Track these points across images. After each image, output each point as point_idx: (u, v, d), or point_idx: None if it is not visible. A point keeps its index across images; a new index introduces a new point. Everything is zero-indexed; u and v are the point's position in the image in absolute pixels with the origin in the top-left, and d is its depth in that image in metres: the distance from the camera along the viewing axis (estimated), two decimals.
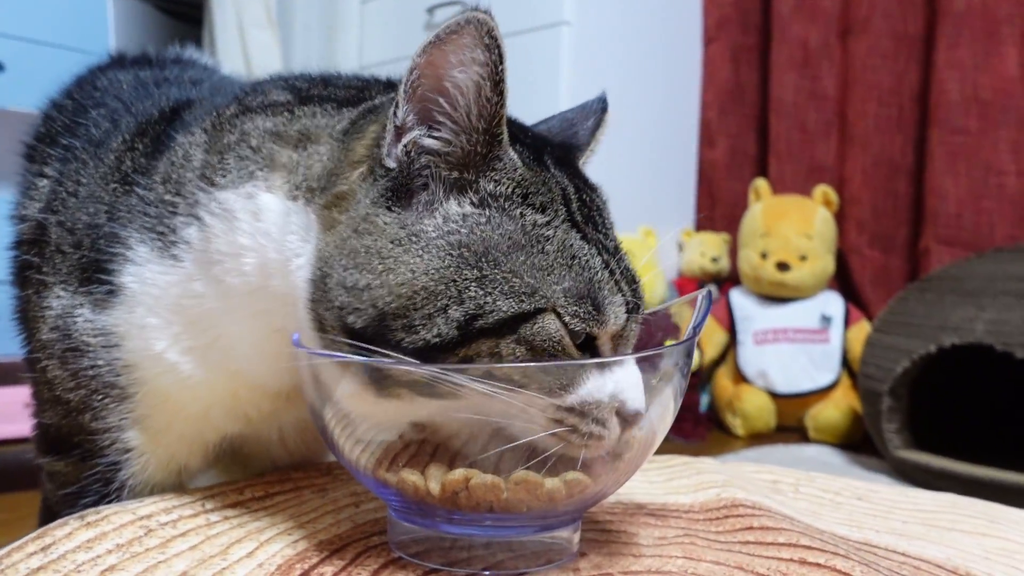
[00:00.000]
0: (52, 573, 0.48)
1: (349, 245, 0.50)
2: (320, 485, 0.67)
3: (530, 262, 0.49)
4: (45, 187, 0.68)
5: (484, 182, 0.50)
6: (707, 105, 2.64)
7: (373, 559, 0.53)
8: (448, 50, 0.48)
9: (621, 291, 0.52)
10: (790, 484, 0.75)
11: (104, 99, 0.72)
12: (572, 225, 0.51)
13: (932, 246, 2.19)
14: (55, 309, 0.62)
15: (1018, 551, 0.59)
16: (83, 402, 0.62)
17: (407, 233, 0.50)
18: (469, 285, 0.48)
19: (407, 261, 0.49)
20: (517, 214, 0.50)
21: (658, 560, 0.55)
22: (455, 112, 0.49)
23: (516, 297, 0.48)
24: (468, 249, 0.49)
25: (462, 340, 0.48)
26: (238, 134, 0.58)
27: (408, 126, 0.50)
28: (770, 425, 2.21)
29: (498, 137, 0.50)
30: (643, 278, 2.08)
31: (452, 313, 0.48)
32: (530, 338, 0.48)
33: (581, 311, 0.49)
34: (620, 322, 0.51)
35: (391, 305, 0.48)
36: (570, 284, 0.49)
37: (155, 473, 0.64)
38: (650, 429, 0.54)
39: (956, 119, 2.16)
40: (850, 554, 0.55)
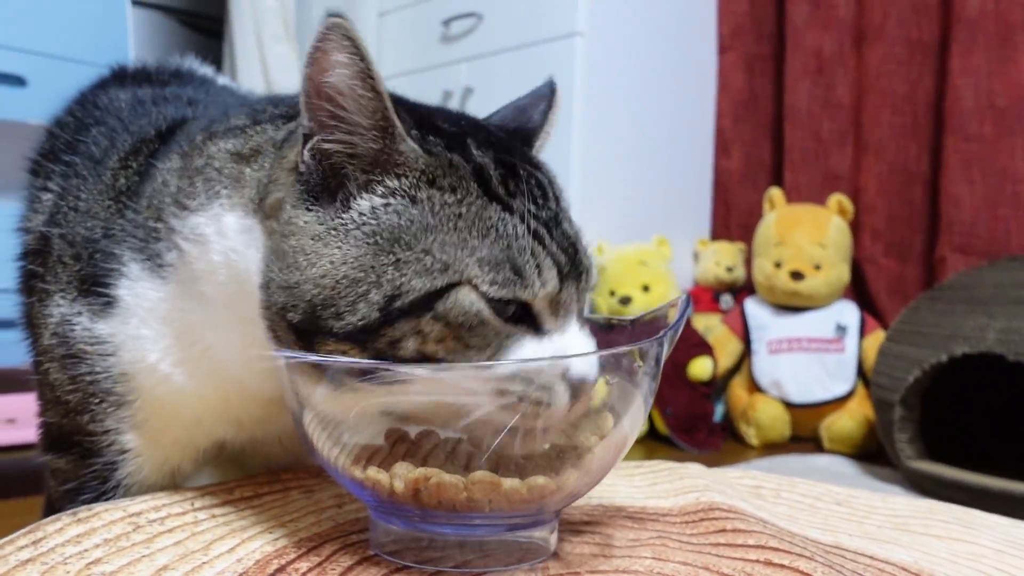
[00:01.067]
0: (40, 564, 0.51)
1: (280, 248, 0.54)
2: (308, 486, 0.69)
3: (441, 240, 0.51)
4: (49, 201, 0.72)
5: (388, 178, 0.53)
6: (722, 114, 2.64)
7: (348, 556, 0.55)
8: (319, 57, 0.50)
9: (551, 255, 0.53)
10: (772, 489, 0.76)
11: (104, 118, 0.76)
12: (491, 199, 0.53)
13: (948, 254, 2.18)
14: (55, 316, 0.66)
15: (986, 555, 0.60)
16: (81, 405, 0.65)
17: (325, 229, 0.53)
18: (386, 269, 0.51)
19: (327, 254, 0.52)
20: (424, 198, 0.52)
21: (627, 560, 0.56)
22: (341, 113, 0.52)
23: (428, 275, 0.50)
24: (381, 237, 0.52)
25: (385, 321, 0.50)
26: (205, 158, 0.62)
27: (312, 131, 0.53)
28: (784, 435, 2.20)
29: (388, 131, 0.52)
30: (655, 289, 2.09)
31: (372, 297, 0.50)
32: (445, 313, 0.50)
33: (500, 277, 0.50)
34: (550, 287, 0.52)
35: (318, 297, 0.52)
36: (486, 253, 0.51)
37: (150, 474, 0.68)
38: (621, 431, 0.55)
39: (971, 126, 2.15)
40: (815, 556, 0.56)
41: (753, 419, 2.19)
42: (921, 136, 2.29)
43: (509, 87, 2.61)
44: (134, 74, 0.87)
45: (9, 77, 1.83)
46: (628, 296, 2.20)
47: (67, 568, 0.50)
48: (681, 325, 0.57)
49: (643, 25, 2.39)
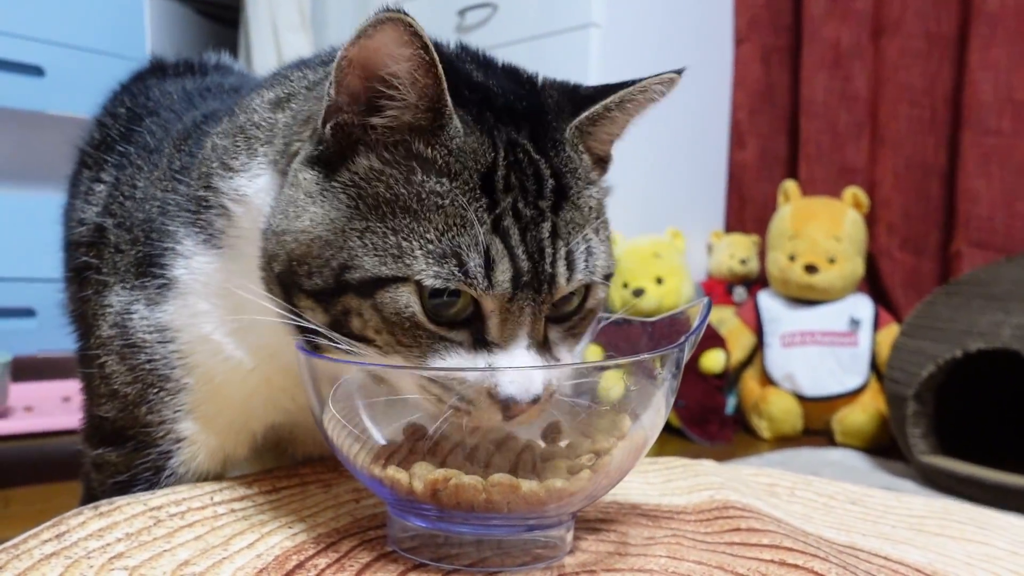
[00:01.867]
0: (64, 559, 0.51)
1: (282, 196, 0.56)
2: (325, 481, 0.70)
3: (411, 226, 0.51)
4: (102, 192, 0.72)
5: (416, 145, 0.52)
6: (738, 106, 2.63)
7: (367, 552, 0.56)
8: (375, 46, 0.50)
9: (512, 256, 0.51)
10: (786, 488, 0.76)
11: (157, 109, 0.77)
12: (483, 193, 0.52)
13: (964, 249, 2.17)
14: (114, 307, 0.66)
15: (1001, 557, 0.60)
16: (139, 396, 0.66)
17: (319, 189, 0.54)
18: (352, 235, 0.52)
19: (312, 211, 0.53)
20: (419, 180, 0.52)
21: (642, 559, 0.57)
22: (396, 94, 0.52)
23: (381, 258, 0.50)
24: (363, 202, 0.52)
25: (337, 290, 0.52)
26: (248, 112, 0.63)
27: (339, 107, 0.53)
28: (796, 428, 2.20)
29: (441, 110, 0.52)
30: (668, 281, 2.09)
31: (333, 262, 0.52)
32: (381, 307, 0.51)
33: (443, 270, 0.50)
34: (501, 288, 0.50)
35: (296, 251, 0.53)
36: (442, 246, 0.50)
37: (204, 461, 0.68)
38: (641, 432, 0.56)
39: (989, 120, 2.13)
40: (830, 556, 0.56)
41: (765, 412, 2.19)
42: (938, 130, 2.27)
43: None
44: (175, 65, 0.88)
45: (27, 67, 1.84)
46: (641, 288, 2.20)
47: (90, 562, 0.51)
48: (702, 329, 0.57)
49: (659, 16, 2.38)
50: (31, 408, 1.77)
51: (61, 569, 0.50)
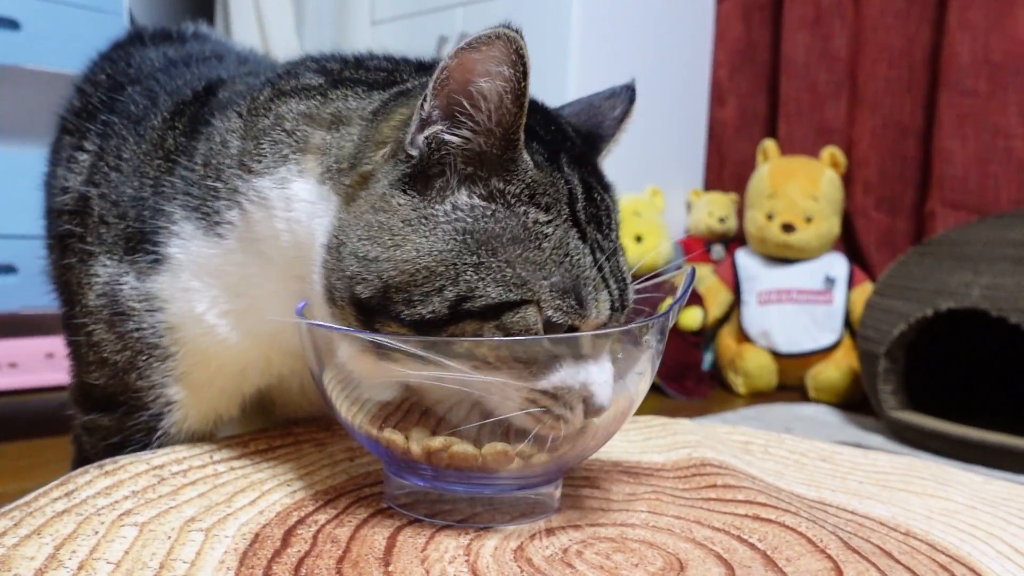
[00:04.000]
0: (75, 515, 0.54)
1: (365, 219, 0.54)
2: (319, 440, 0.73)
3: (525, 256, 0.53)
4: (86, 161, 0.72)
5: (496, 180, 0.53)
6: (718, 64, 2.64)
7: (364, 508, 0.59)
8: (477, 58, 0.50)
9: (608, 289, 0.55)
10: (760, 445, 0.80)
11: (139, 77, 0.76)
12: (573, 224, 0.54)
13: (938, 209, 2.21)
14: (102, 277, 0.67)
15: (959, 511, 0.64)
16: (129, 362, 0.67)
17: (418, 215, 0.53)
18: (466, 269, 0.52)
19: (414, 240, 0.53)
20: (521, 211, 0.53)
21: (624, 514, 0.60)
22: (477, 115, 0.52)
23: (505, 286, 0.52)
24: (471, 237, 0.53)
25: (451, 318, 0.52)
26: (272, 118, 0.61)
27: (432, 119, 0.53)
28: (771, 384, 2.26)
29: (514, 143, 0.53)
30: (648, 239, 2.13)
31: (447, 293, 0.52)
32: (510, 326, 0.52)
33: (564, 305, 0.53)
34: (602, 318, 0.55)
35: (395, 279, 0.52)
36: (558, 279, 0.53)
37: (194, 423, 0.70)
38: (628, 396, 0.58)
39: (966, 81, 2.16)
40: (800, 511, 0.60)
41: (741, 368, 2.24)
42: (916, 90, 2.30)
43: None
44: (153, 35, 0.87)
45: (2, 21, 1.80)
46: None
47: (101, 518, 0.53)
48: (685, 298, 0.59)
49: None
50: (15, 364, 1.78)
51: (74, 525, 0.52)
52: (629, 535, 0.56)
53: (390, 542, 0.53)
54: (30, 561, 0.47)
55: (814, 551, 0.54)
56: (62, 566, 0.47)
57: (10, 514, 0.54)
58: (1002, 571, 0.54)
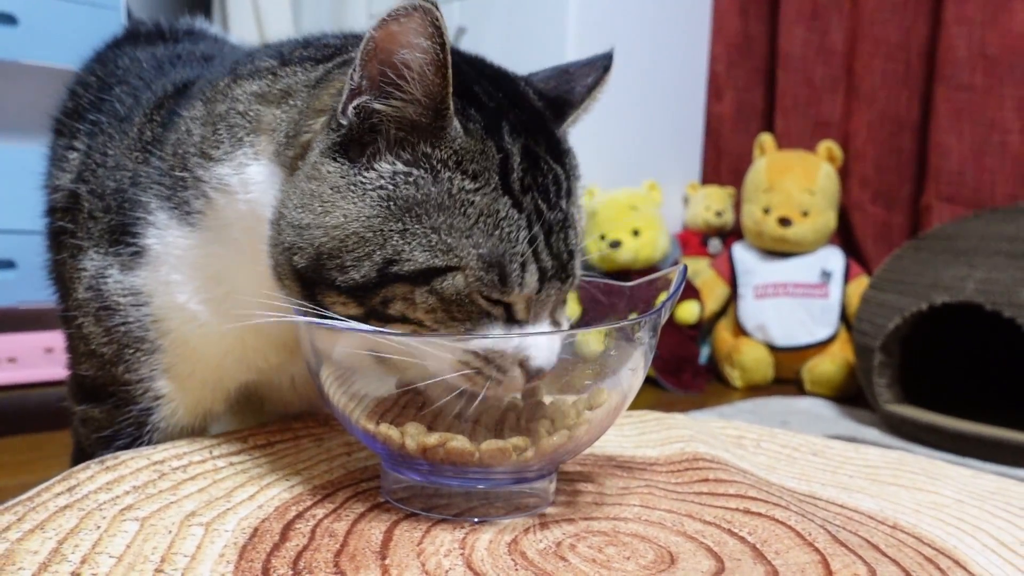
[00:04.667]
0: (78, 511, 0.55)
1: (300, 187, 0.56)
2: (317, 435, 0.74)
3: (450, 223, 0.53)
4: (76, 159, 0.74)
5: (423, 146, 0.54)
6: (715, 58, 2.64)
7: (361, 503, 0.60)
8: (397, 31, 0.52)
9: (539, 264, 0.55)
10: (752, 440, 0.81)
11: (126, 76, 0.78)
12: (505, 193, 0.55)
13: (934, 203, 2.22)
14: (89, 271, 0.69)
15: (947, 505, 0.65)
16: (116, 355, 0.69)
17: (347, 182, 0.55)
18: (392, 235, 0.53)
19: (343, 207, 0.54)
20: (446, 178, 0.54)
21: (618, 508, 0.61)
22: (403, 84, 0.53)
23: (431, 252, 0.53)
24: (395, 203, 0.54)
25: (380, 282, 0.54)
26: (229, 102, 0.63)
27: (362, 89, 0.54)
28: (767, 377, 2.27)
29: (442, 111, 0.54)
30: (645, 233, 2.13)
31: (375, 257, 0.53)
32: (440, 291, 0.53)
33: (487, 278, 0.53)
34: (528, 291, 0.55)
35: (327, 246, 0.54)
36: (485, 250, 0.53)
37: (183, 417, 0.71)
38: (621, 391, 0.59)
39: (962, 75, 2.16)
40: (790, 505, 0.61)
41: (737, 362, 2.25)
42: (912, 84, 2.30)
43: (502, 27, 2.59)
44: (147, 33, 0.88)
45: (0, 16, 1.81)
46: (618, 240, 2.23)
47: (103, 514, 0.54)
48: (678, 294, 0.60)
49: None
50: (14, 359, 1.79)
51: (76, 520, 0.53)
52: (621, 528, 0.57)
53: (387, 536, 0.54)
54: (34, 555, 0.48)
55: (802, 544, 0.55)
56: (65, 560, 0.48)
57: (13, 509, 0.55)
58: (987, 563, 0.55)
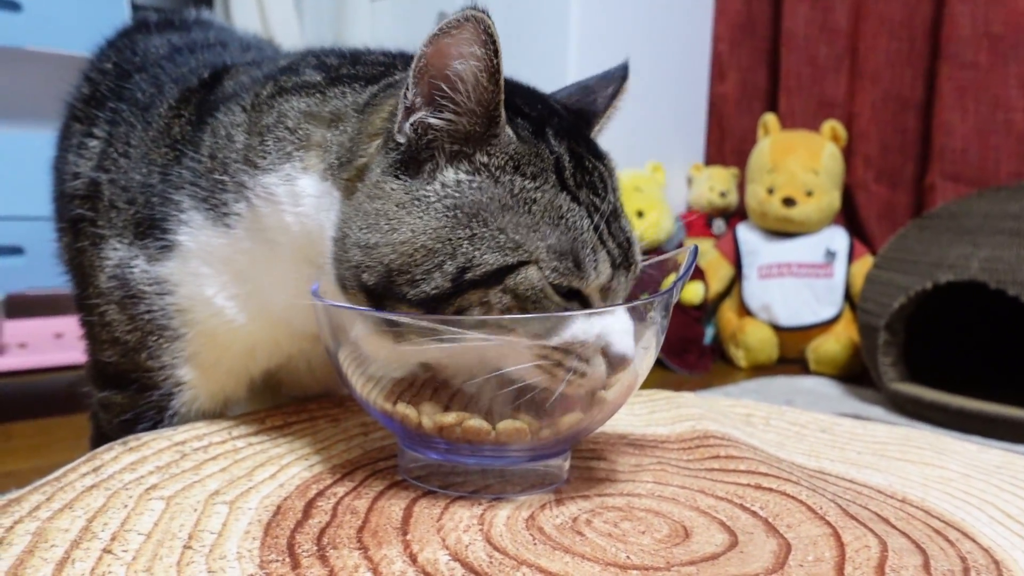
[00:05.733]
0: (104, 490, 0.56)
1: (363, 208, 0.57)
2: (333, 416, 0.75)
3: (516, 221, 0.55)
4: (96, 147, 0.74)
5: (480, 155, 0.56)
6: (719, 38, 2.64)
7: (379, 481, 0.61)
8: (450, 43, 0.52)
9: (607, 249, 0.57)
10: (761, 417, 0.82)
11: (145, 64, 0.78)
12: (563, 189, 0.56)
13: (938, 182, 2.22)
14: (112, 259, 0.69)
15: (954, 479, 0.66)
16: (140, 342, 0.70)
17: (410, 198, 0.56)
18: (461, 243, 0.54)
19: (409, 222, 0.55)
20: (507, 180, 0.55)
21: (631, 484, 0.62)
22: (456, 96, 0.54)
23: (501, 251, 0.54)
24: (461, 211, 0.55)
25: (455, 291, 0.54)
26: (276, 115, 0.63)
27: (416, 106, 0.55)
28: (772, 357, 2.28)
29: (495, 118, 0.55)
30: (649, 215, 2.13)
31: (447, 268, 0.54)
32: (514, 288, 0.54)
33: (561, 266, 0.54)
34: (603, 279, 0.57)
35: (396, 262, 0.55)
36: (554, 241, 0.55)
37: (204, 403, 0.73)
38: (633, 370, 0.60)
39: (966, 54, 2.16)
40: (800, 480, 0.62)
41: (742, 342, 2.26)
42: (916, 63, 2.29)
43: (504, 11, 2.58)
44: (158, 23, 0.89)
45: (4, 2, 1.81)
46: None
47: (129, 493, 0.56)
48: (689, 275, 0.61)
49: None
50: (25, 345, 1.80)
51: (103, 500, 0.54)
52: (636, 504, 0.58)
53: (407, 512, 0.55)
54: (65, 533, 0.50)
55: (814, 518, 0.56)
56: (96, 537, 0.49)
57: (41, 489, 0.56)
58: (994, 535, 0.56)
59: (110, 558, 0.47)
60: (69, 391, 1.82)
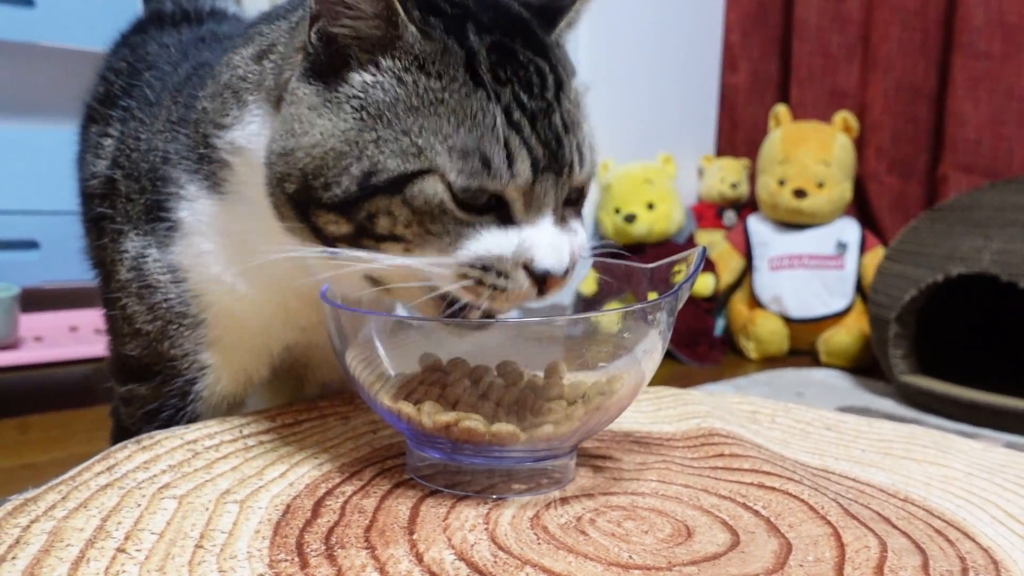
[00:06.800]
0: (118, 489, 0.57)
1: (283, 117, 0.59)
2: (343, 413, 0.76)
3: (421, 123, 0.54)
4: (110, 146, 0.76)
5: (385, 58, 0.56)
6: (730, 28, 2.63)
7: (387, 480, 0.62)
8: None
9: (528, 146, 0.54)
10: (767, 415, 0.82)
11: (156, 61, 0.80)
12: (477, 86, 0.55)
13: (950, 173, 2.21)
14: (129, 252, 0.71)
15: (957, 478, 0.67)
16: (161, 332, 0.71)
17: (321, 100, 0.57)
18: (367, 145, 0.55)
19: (319, 124, 0.56)
20: (410, 81, 0.55)
21: (635, 483, 0.63)
22: (353, 3, 0.55)
23: (403, 156, 0.54)
24: (367, 112, 0.56)
25: (362, 195, 0.55)
26: (230, 70, 0.66)
27: (319, 15, 0.57)
28: (783, 349, 2.28)
29: (392, 19, 0.55)
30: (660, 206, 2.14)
31: (353, 170, 0.55)
32: (411, 199, 0.54)
33: (467, 167, 0.53)
34: (522, 180, 0.54)
35: (310, 166, 0.56)
36: (458, 142, 0.54)
37: (227, 385, 0.74)
38: (639, 370, 0.61)
39: (980, 43, 2.14)
40: (804, 480, 0.63)
41: (753, 333, 2.26)
42: (929, 53, 2.28)
43: None
44: (172, 15, 0.90)
45: None
46: (633, 214, 2.24)
47: (142, 492, 0.57)
48: (696, 277, 0.61)
49: None
50: (40, 338, 1.82)
51: (117, 499, 0.56)
52: (639, 503, 0.59)
53: (413, 512, 0.56)
54: (80, 532, 0.51)
55: (815, 517, 0.56)
56: (110, 537, 0.50)
57: (57, 488, 0.57)
58: (994, 535, 0.56)
59: (124, 557, 0.48)
60: (85, 384, 1.85)
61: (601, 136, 0.65)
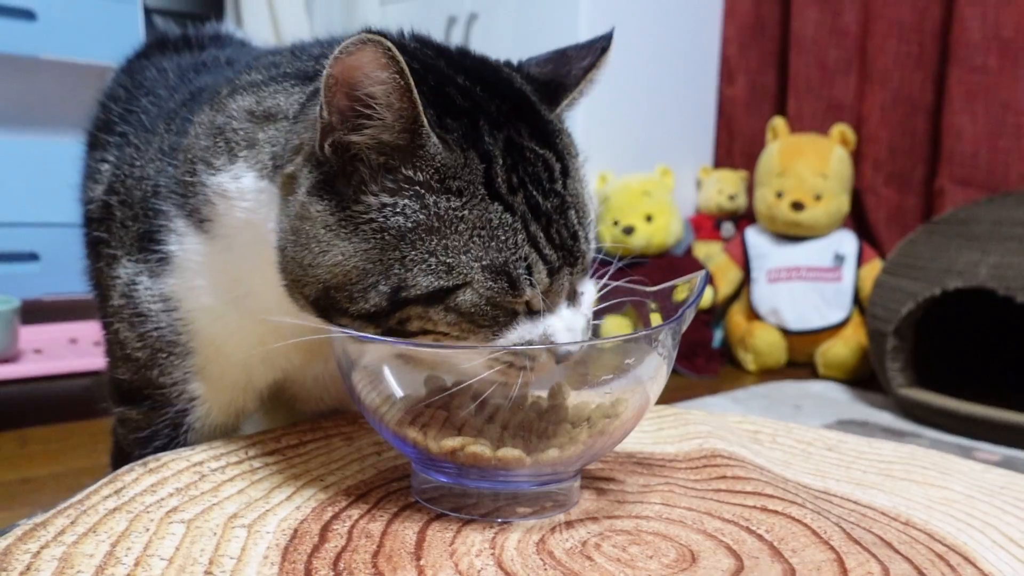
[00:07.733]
0: (126, 513, 0.58)
1: (295, 227, 0.58)
2: (347, 434, 0.76)
3: (445, 244, 0.55)
4: (107, 171, 0.77)
5: (405, 168, 0.55)
6: (727, 40, 2.64)
7: (393, 503, 0.62)
8: (353, 64, 0.52)
9: (543, 257, 0.56)
10: (768, 435, 0.83)
11: (154, 87, 0.80)
12: (494, 199, 0.55)
13: (947, 186, 2.22)
14: (122, 278, 0.72)
15: (958, 500, 0.67)
16: (150, 359, 0.72)
17: (336, 220, 0.56)
18: (392, 264, 0.55)
19: (338, 244, 0.56)
20: (431, 201, 0.55)
21: (639, 506, 0.63)
22: (373, 113, 0.54)
23: (435, 275, 0.55)
24: (388, 234, 0.55)
25: (393, 308, 0.55)
26: (226, 115, 0.65)
27: (334, 125, 0.55)
28: (781, 361, 2.28)
29: (417, 132, 0.54)
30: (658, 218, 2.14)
31: (381, 288, 0.55)
32: (456, 307, 0.55)
33: (496, 286, 0.55)
34: (541, 287, 0.56)
35: (332, 281, 0.56)
36: (487, 261, 0.55)
37: (217, 416, 0.75)
38: (643, 394, 0.62)
39: (976, 57, 2.16)
40: (806, 503, 0.63)
41: (751, 345, 2.27)
42: (926, 66, 2.30)
43: (514, 14, 2.59)
44: (175, 41, 0.90)
45: (19, 11, 1.83)
46: (631, 226, 2.25)
47: (150, 516, 0.57)
48: (698, 301, 0.62)
49: None
50: (40, 351, 1.83)
51: (126, 523, 0.56)
52: (644, 527, 0.59)
53: (420, 536, 0.57)
54: (90, 559, 0.51)
55: (818, 542, 0.57)
56: (120, 563, 0.51)
57: (65, 512, 0.58)
58: (996, 560, 0.57)
59: None
60: (85, 396, 1.85)
61: (599, 148, 0.66)
